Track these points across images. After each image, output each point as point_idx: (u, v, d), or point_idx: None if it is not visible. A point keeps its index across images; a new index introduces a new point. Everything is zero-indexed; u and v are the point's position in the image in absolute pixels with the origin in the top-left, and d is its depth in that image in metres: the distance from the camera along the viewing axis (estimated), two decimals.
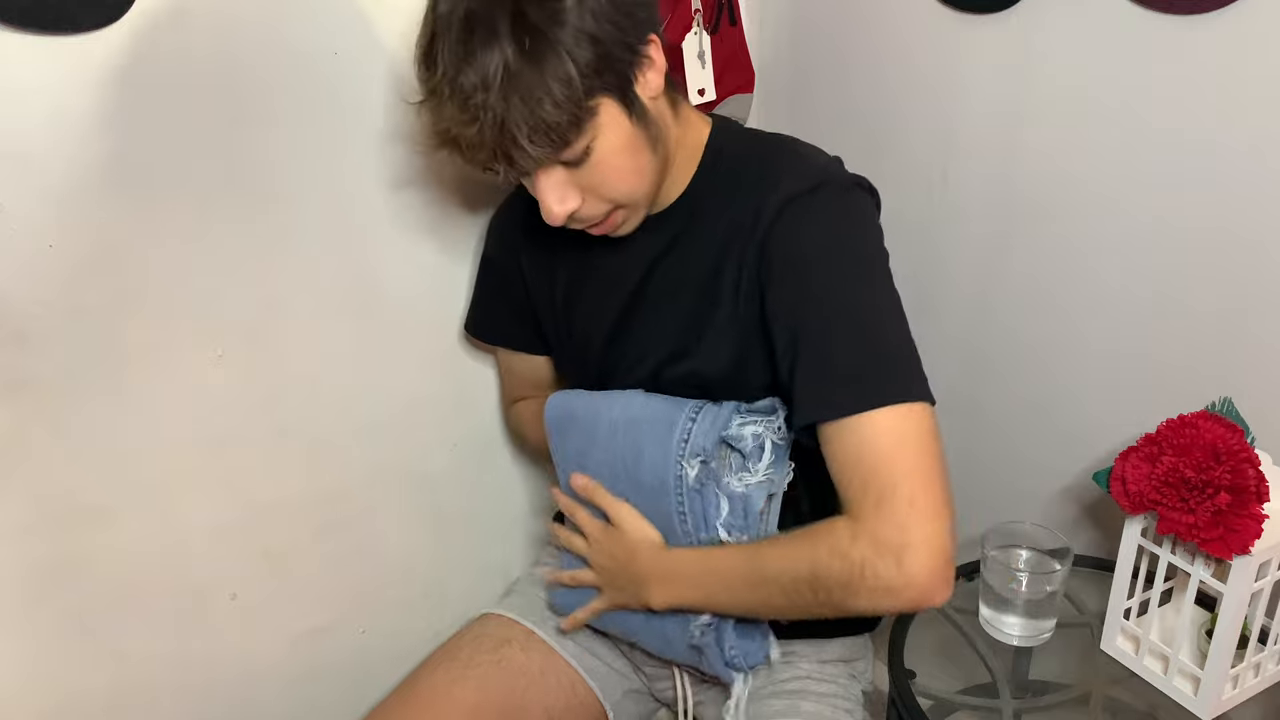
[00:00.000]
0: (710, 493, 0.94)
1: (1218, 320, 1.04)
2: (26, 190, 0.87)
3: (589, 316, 1.05)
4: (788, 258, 0.88)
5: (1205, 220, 1.02)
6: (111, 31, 0.88)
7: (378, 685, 1.22)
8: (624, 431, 0.97)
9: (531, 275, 1.09)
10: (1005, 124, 1.14)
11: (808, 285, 0.87)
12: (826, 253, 0.88)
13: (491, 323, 1.18)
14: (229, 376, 1.04)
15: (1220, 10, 0.95)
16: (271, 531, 1.13)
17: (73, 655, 1.01)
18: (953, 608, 1.10)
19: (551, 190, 0.87)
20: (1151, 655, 0.99)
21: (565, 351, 1.11)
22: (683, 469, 0.93)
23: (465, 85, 0.79)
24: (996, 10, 1.10)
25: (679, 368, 0.98)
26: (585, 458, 1.01)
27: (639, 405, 0.98)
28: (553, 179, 0.87)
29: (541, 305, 1.10)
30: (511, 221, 1.10)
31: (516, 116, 0.79)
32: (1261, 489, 0.86)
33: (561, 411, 1.03)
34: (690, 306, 0.97)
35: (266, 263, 1.04)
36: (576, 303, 1.06)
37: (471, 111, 0.80)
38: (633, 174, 0.89)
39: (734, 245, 0.93)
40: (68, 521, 0.98)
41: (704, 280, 0.95)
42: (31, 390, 0.92)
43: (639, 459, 0.96)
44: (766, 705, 1.02)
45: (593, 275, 1.04)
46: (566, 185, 0.87)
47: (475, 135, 0.81)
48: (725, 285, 0.94)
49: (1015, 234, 1.17)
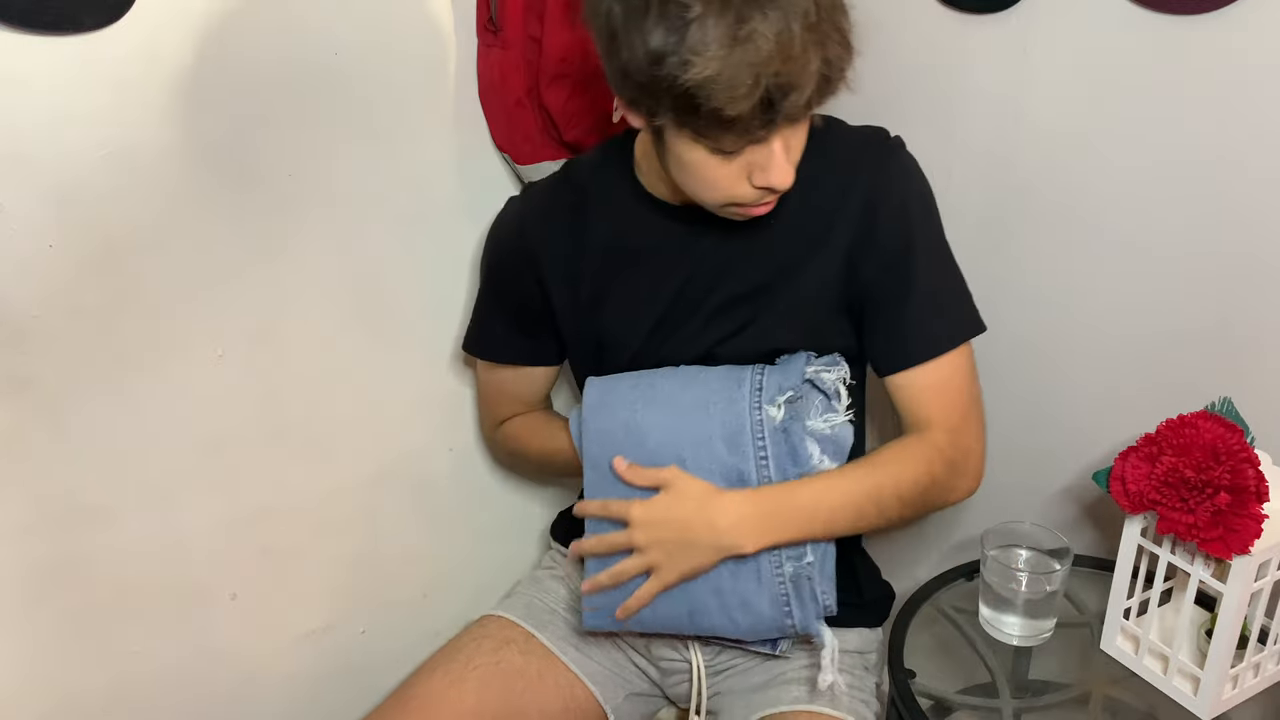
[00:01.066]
0: (796, 436, 0.95)
1: (1218, 320, 1.04)
2: (26, 190, 0.87)
3: (629, 307, 1.03)
4: (891, 214, 0.96)
5: (1205, 220, 1.02)
6: (112, 31, 0.88)
7: (378, 685, 1.22)
8: (684, 392, 0.97)
9: (550, 280, 1.06)
10: (1005, 124, 1.14)
11: (911, 237, 0.97)
12: (921, 204, 0.99)
13: (495, 341, 1.14)
14: (229, 376, 1.04)
15: (1220, 10, 0.95)
16: (271, 531, 1.13)
17: (73, 655, 1.01)
18: (953, 608, 1.10)
19: (789, 150, 0.86)
20: (1151, 655, 0.99)
21: (590, 350, 1.08)
22: (763, 413, 0.94)
23: (786, 7, 0.76)
24: (996, 10, 1.10)
25: (745, 342, 1.00)
26: (638, 431, 0.98)
27: (693, 372, 0.99)
28: (789, 138, 0.85)
29: (561, 309, 1.07)
30: (518, 231, 1.08)
31: (839, 25, 0.79)
32: (1261, 489, 0.86)
33: (605, 392, 1.01)
34: (765, 274, 0.98)
35: (267, 263, 1.04)
36: (608, 299, 1.04)
37: (788, 44, 0.76)
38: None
39: (825, 208, 0.97)
40: (68, 521, 0.98)
41: (789, 247, 0.98)
42: (31, 390, 0.92)
43: (706, 416, 0.96)
44: (785, 691, 1.03)
45: (632, 266, 1.03)
46: (788, 147, 0.86)
47: (794, 66, 0.77)
48: (809, 250, 0.97)
49: (1015, 234, 1.17)
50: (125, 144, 0.92)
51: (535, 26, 1.10)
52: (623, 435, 0.99)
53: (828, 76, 0.80)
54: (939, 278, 1.00)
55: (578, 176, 1.07)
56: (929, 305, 0.98)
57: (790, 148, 0.86)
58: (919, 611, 1.09)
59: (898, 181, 0.98)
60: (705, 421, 0.96)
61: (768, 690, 1.04)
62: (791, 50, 0.77)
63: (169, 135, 0.94)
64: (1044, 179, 1.13)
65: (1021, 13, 1.09)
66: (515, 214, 1.09)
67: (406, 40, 1.08)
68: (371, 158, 1.09)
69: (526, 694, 1.08)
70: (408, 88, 1.10)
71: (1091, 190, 1.10)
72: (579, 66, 1.11)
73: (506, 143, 1.18)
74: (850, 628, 1.08)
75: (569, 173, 1.09)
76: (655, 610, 1.00)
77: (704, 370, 1.00)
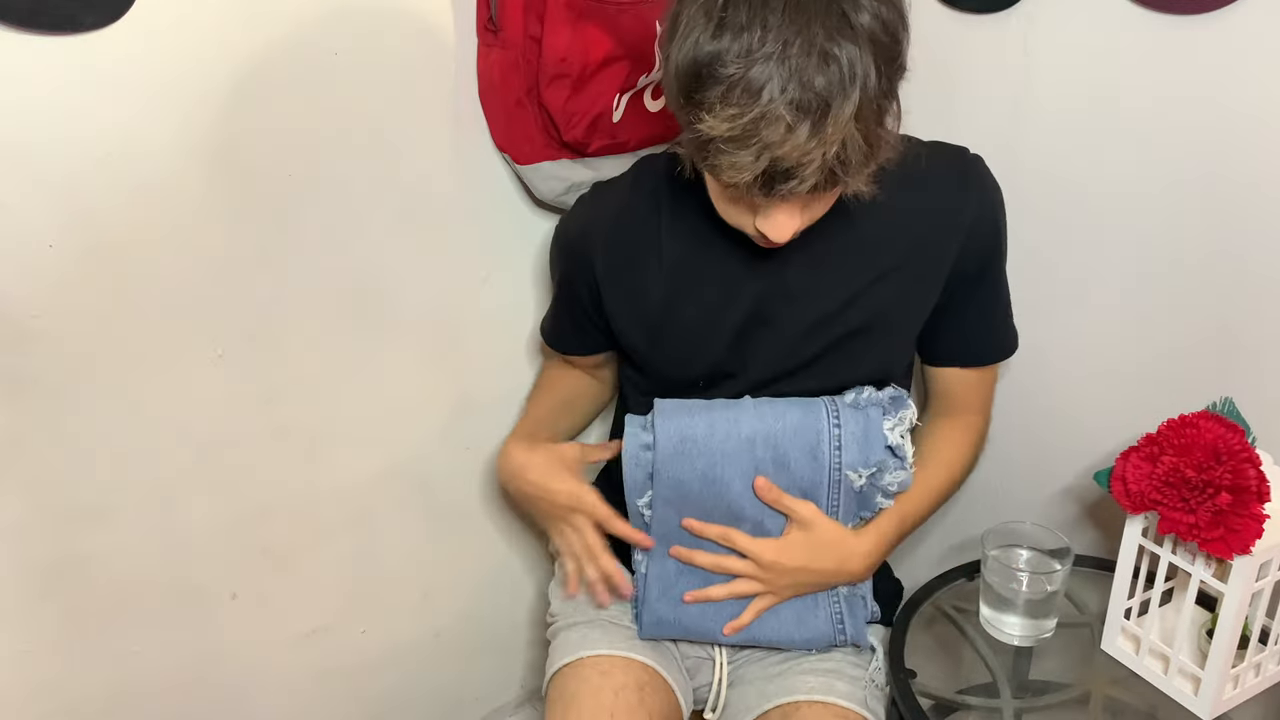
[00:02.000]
0: (869, 492, 1.00)
1: (1219, 320, 1.04)
2: (27, 190, 0.87)
3: (697, 323, 1.02)
4: (985, 227, 1.00)
5: (1205, 220, 1.02)
6: (112, 31, 0.88)
7: (378, 685, 1.23)
8: (763, 445, 0.97)
9: (605, 285, 1.05)
10: (1005, 124, 1.14)
11: (997, 249, 1.03)
12: (1003, 219, 1.02)
13: (566, 336, 1.17)
14: (229, 376, 1.04)
15: (1220, 10, 0.95)
16: (271, 531, 1.13)
17: (73, 655, 1.01)
18: (953, 608, 1.10)
19: (789, 217, 0.84)
20: (1152, 655, 0.99)
21: (658, 355, 1.06)
22: (842, 476, 0.97)
23: (816, 85, 0.73)
24: (996, 10, 1.10)
25: (825, 346, 1.00)
26: (718, 484, 0.98)
27: (768, 415, 0.98)
28: (793, 205, 0.83)
29: (617, 314, 1.06)
30: (579, 233, 1.08)
31: (864, 129, 0.75)
32: (1262, 489, 0.86)
33: (680, 438, 0.98)
34: (849, 290, 0.99)
35: (267, 263, 1.04)
36: (676, 313, 1.03)
37: (802, 139, 0.74)
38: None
39: (914, 224, 0.98)
40: (68, 521, 0.98)
41: (874, 263, 0.99)
42: (31, 390, 0.92)
43: (786, 468, 0.97)
44: (801, 681, 1.03)
45: (714, 268, 1.01)
46: (800, 208, 0.85)
47: (800, 155, 0.74)
48: (902, 262, 0.99)
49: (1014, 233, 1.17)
50: (125, 144, 0.92)
51: (535, 26, 1.10)
52: (700, 486, 0.99)
53: (837, 173, 0.78)
54: (1007, 286, 1.07)
55: (649, 182, 1.05)
56: (1003, 313, 1.07)
57: (804, 211, 0.85)
58: (919, 611, 1.09)
59: (991, 194, 1.01)
60: (785, 476, 0.98)
61: (783, 679, 1.04)
62: (802, 143, 0.74)
63: (169, 135, 0.94)
64: (1044, 179, 1.13)
65: (1021, 13, 1.09)
66: (580, 216, 1.09)
67: (406, 40, 1.08)
68: (371, 158, 1.09)
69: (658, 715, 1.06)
70: (408, 88, 1.10)
71: (1092, 190, 1.10)
72: (579, 66, 1.11)
73: (506, 143, 1.18)
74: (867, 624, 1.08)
75: (640, 177, 1.08)
76: (718, 621, 1.04)
77: (776, 412, 0.99)
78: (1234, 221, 1.01)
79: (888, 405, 1.00)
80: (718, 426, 0.98)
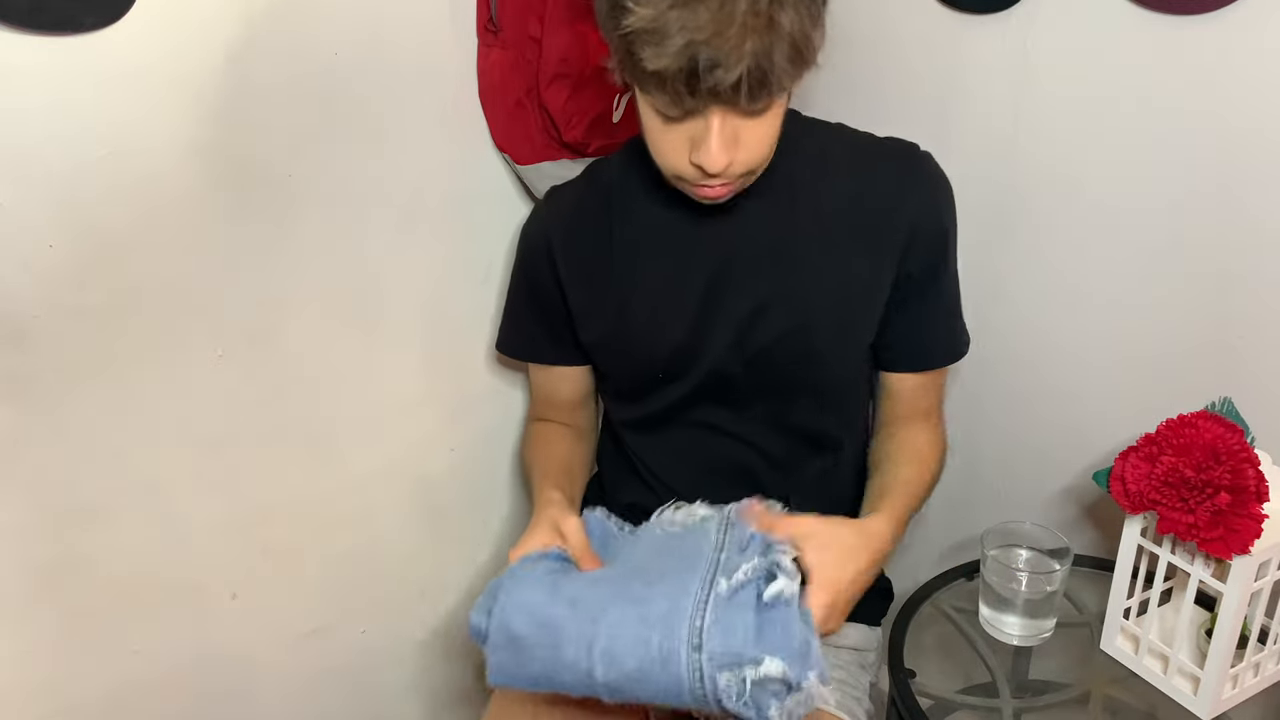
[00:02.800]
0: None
1: (1218, 320, 1.04)
2: (26, 190, 0.87)
3: (655, 309, 1.03)
4: (931, 225, 1.00)
5: (1205, 220, 1.02)
6: (112, 31, 0.88)
7: (378, 685, 1.23)
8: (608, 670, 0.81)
9: (572, 280, 1.06)
10: (1005, 124, 1.14)
11: (944, 249, 1.02)
12: (953, 215, 1.03)
13: (522, 339, 1.15)
14: (229, 376, 1.04)
15: (1220, 10, 0.95)
16: (271, 531, 1.13)
17: (73, 655, 1.01)
18: (953, 608, 1.10)
19: (723, 136, 0.85)
20: (1151, 655, 0.99)
21: (620, 346, 1.06)
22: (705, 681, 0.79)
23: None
24: (996, 10, 1.10)
25: (780, 332, 1.00)
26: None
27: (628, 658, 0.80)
28: (728, 125, 0.85)
29: (587, 307, 1.06)
30: (541, 234, 1.08)
31: (790, 25, 0.78)
32: (1261, 489, 0.86)
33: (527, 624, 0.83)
34: (796, 273, 0.99)
35: (267, 262, 1.04)
36: (639, 292, 1.03)
37: (725, 22, 0.76)
38: (773, 141, 0.90)
39: (857, 214, 0.99)
40: (68, 521, 0.98)
41: (818, 248, 0.99)
42: (31, 390, 0.92)
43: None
44: None
45: (664, 259, 1.02)
46: (734, 136, 0.86)
47: (724, 43, 0.76)
48: (846, 251, 0.99)
49: (1015, 234, 1.17)
50: (125, 143, 0.92)
51: (535, 26, 1.10)
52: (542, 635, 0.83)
53: (765, 70, 0.80)
54: (956, 287, 1.07)
55: (602, 177, 1.07)
56: (952, 314, 1.07)
57: (739, 139, 0.86)
58: (919, 611, 1.09)
59: (940, 196, 1.01)
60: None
61: None
62: (726, 29, 0.77)
63: (169, 135, 0.94)
64: (1044, 179, 1.13)
65: (1021, 13, 1.09)
66: (540, 217, 1.10)
67: (407, 40, 1.08)
68: (371, 158, 1.09)
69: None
70: (408, 88, 1.10)
71: (1091, 190, 1.10)
72: (579, 66, 1.11)
73: (506, 143, 1.18)
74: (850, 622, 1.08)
75: (593, 174, 1.09)
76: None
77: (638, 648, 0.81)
78: (1234, 221, 1.01)
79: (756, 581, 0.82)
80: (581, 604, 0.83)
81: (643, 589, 0.83)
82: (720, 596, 0.81)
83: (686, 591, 0.82)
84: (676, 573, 0.85)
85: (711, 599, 0.81)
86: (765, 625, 0.80)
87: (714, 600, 0.81)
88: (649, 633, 0.80)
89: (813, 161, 1.00)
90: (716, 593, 0.81)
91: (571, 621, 0.82)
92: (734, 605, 0.81)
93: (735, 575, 0.82)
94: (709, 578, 0.83)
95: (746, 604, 0.81)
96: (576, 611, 0.82)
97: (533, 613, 0.83)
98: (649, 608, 0.81)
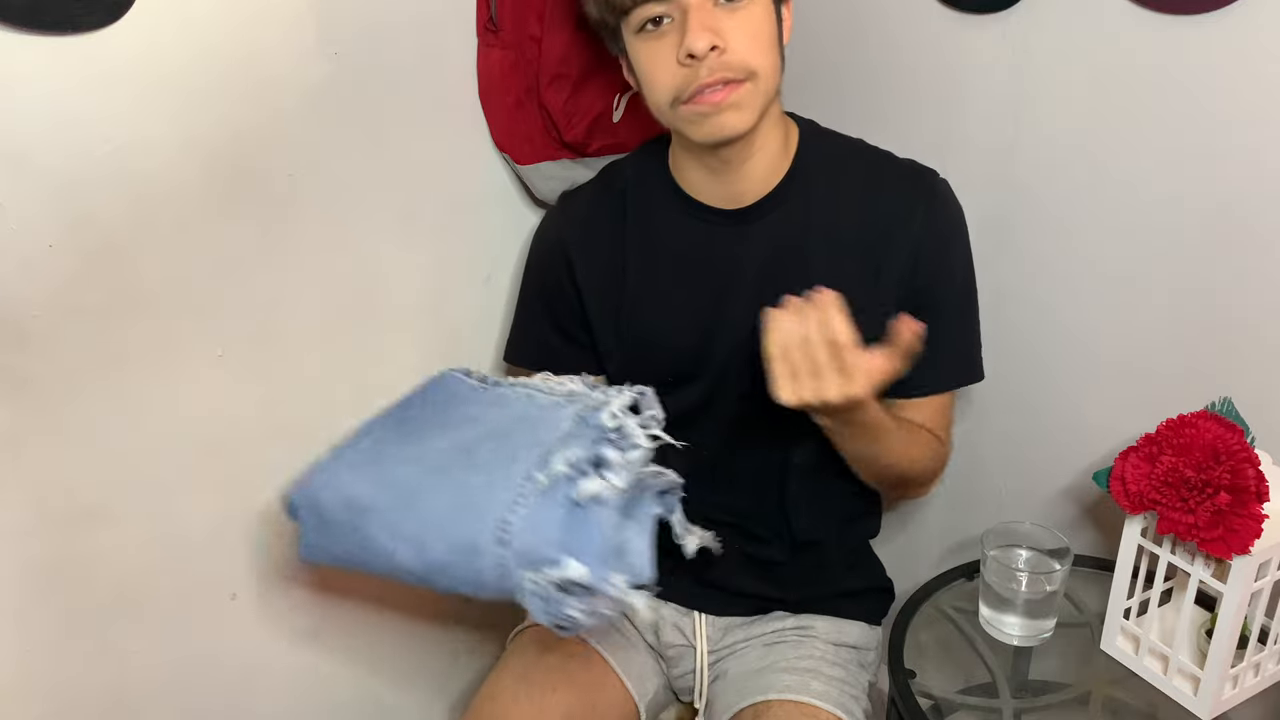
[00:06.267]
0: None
1: (1218, 320, 1.04)
2: (26, 190, 0.87)
3: (668, 311, 1.03)
4: (935, 251, 1.01)
5: (1205, 220, 1.02)
6: (111, 32, 0.87)
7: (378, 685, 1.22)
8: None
9: (589, 283, 1.07)
10: (1005, 124, 1.14)
11: (949, 275, 1.03)
12: (961, 242, 1.04)
13: (535, 347, 1.14)
14: (229, 376, 1.04)
15: (1220, 10, 0.95)
16: (271, 532, 1.13)
17: (73, 655, 1.01)
18: (953, 608, 1.10)
19: (699, 18, 0.89)
20: (1151, 655, 0.99)
21: (631, 350, 1.07)
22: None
23: None
24: (996, 10, 1.10)
25: None
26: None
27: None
28: (704, 12, 0.89)
29: (597, 315, 1.07)
30: (556, 239, 1.09)
31: None
32: (1261, 489, 0.86)
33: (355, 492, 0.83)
34: (803, 284, 0.96)
35: (267, 262, 1.04)
36: (646, 302, 1.04)
37: None
38: (769, 49, 0.93)
39: (865, 232, 1.00)
40: (67, 521, 0.97)
41: (825, 261, 0.99)
42: (31, 390, 0.92)
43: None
44: (778, 679, 1.03)
45: (670, 269, 1.03)
46: (713, 26, 0.89)
47: None
48: (851, 267, 0.99)
49: (1015, 234, 1.17)
50: (125, 144, 0.91)
51: (535, 26, 1.10)
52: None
53: None
54: (969, 314, 1.07)
55: (616, 181, 1.08)
56: (960, 340, 1.06)
57: (719, 29, 0.89)
58: (919, 611, 1.09)
59: (945, 224, 1.02)
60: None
61: (761, 677, 1.05)
62: None
63: (169, 135, 0.94)
64: (1044, 179, 1.13)
65: (1021, 13, 1.09)
66: (555, 222, 1.10)
67: (406, 40, 1.08)
68: (371, 158, 1.09)
69: (598, 707, 1.08)
70: (408, 88, 1.10)
71: (1092, 190, 1.10)
72: (579, 66, 1.11)
73: (506, 143, 1.18)
74: (851, 620, 1.08)
75: (607, 177, 1.10)
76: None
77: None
78: (1234, 221, 1.01)
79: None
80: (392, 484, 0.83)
81: (462, 474, 0.81)
82: (535, 491, 0.78)
83: (507, 481, 0.79)
84: (504, 459, 0.81)
85: (528, 493, 0.78)
86: (574, 523, 0.78)
87: (529, 494, 0.78)
88: (457, 524, 0.78)
89: (828, 174, 1.01)
90: (534, 486, 0.78)
91: (383, 504, 0.81)
92: (547, 501, 0.78)
93: (555, 467, 0.79)
94: (531, 469, 0.80)
95: (559, 500, 0.78)
96: (390, 494, 0.81)
97: (343, 492, 0.82)
98: (464, 495, 0.79)
